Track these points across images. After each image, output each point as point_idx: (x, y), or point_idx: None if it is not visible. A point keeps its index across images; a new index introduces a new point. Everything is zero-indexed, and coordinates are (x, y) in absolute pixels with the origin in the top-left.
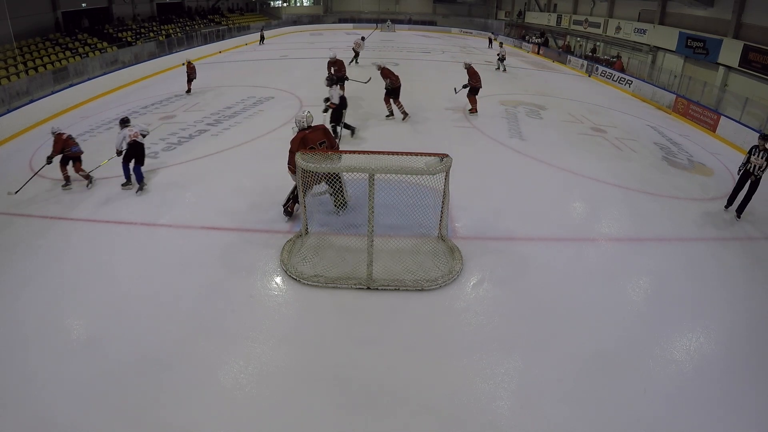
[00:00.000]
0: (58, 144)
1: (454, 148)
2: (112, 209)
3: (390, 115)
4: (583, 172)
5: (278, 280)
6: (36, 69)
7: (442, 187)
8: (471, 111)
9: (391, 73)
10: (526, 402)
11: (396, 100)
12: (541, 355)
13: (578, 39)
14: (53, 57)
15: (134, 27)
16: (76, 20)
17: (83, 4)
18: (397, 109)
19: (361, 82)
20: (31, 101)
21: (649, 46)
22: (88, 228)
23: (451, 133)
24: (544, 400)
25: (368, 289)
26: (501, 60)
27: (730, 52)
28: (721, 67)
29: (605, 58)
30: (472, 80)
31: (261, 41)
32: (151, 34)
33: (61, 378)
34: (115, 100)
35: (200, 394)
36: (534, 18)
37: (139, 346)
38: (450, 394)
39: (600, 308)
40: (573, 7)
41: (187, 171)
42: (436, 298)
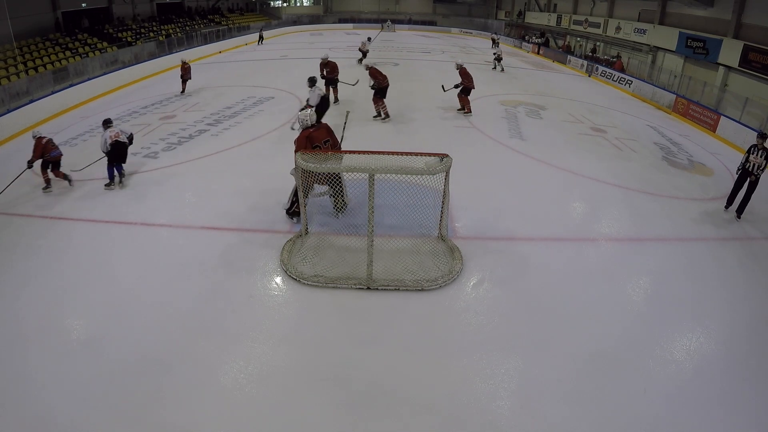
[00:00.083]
0: (38, 148)
1: (454, 148)
2: (113, 209)
3: (377, 116)
4: (583, 172)
5: (278, 280)
6: (36, 69)
7: (442, 187)
8: (464, 112)
9: (379, 73)
10: (526, 402)
11: (381, 99)
12: (541, 355)
13: (578, 39)
14: (53, 57)
15: (134, 27)
16: (76, 20)
17: (83, 4)
18: (380, 108)
19: (350, 84)
20: (31, 101)
21: (649, 46)
22: (89, 228)
23: (451, 133)
24: (544, 400)
25: (368, 289)
26: (498, 60)
27: (730, 52)
28: (721, 67)
29: (605, 58)
30: (464, 80)
31: (260, 41)
32: (151, 34)
33: (61, 378)
34: (115, 100)
35: (200, 394)
36: (534, 18)
37: (139, 346)
38: (450, 394)
39: (600, 308)
40: (573, 7)
41: (187, 171)
42: (436, 298)
